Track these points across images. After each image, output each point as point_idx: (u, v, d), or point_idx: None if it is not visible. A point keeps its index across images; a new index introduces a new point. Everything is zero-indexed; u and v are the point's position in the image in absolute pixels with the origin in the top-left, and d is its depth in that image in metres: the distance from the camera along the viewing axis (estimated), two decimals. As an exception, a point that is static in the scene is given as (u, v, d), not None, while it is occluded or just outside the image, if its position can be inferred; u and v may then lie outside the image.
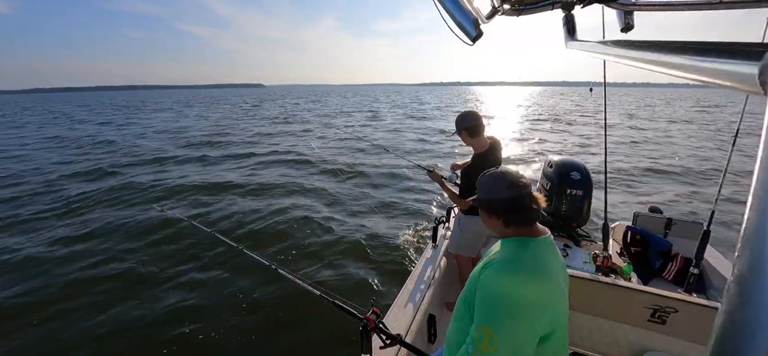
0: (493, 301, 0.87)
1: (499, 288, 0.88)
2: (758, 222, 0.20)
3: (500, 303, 0.86)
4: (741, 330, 0.20)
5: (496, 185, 1.03)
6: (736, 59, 0.27)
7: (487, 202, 1.04)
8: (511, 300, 0.86)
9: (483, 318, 0.88)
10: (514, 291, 0.87)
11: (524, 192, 1.00)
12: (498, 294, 0.87)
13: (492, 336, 0.84)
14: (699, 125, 18.56)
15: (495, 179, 1.05)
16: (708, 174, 8.34)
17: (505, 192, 1.00)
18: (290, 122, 20.22)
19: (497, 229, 1.05)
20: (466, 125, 2.15)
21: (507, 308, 0.85)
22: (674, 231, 2.57)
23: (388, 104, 39.93)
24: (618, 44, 0.54)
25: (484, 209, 1.07)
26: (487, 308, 0.88)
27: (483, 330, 0.86)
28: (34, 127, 19.98)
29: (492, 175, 1.07)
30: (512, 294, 0.86)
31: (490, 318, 0.86)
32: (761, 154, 0.21)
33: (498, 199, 1.01)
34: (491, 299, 0.88)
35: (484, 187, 1.07)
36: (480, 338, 0.86)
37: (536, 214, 1.01)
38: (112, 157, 10.33)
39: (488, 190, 1.05)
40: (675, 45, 0.37)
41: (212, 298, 3.44)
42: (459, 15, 0.94)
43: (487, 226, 1.08)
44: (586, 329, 1.56)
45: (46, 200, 6.36)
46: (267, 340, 2.95)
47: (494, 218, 1.03)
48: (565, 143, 13.02)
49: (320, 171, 8.43)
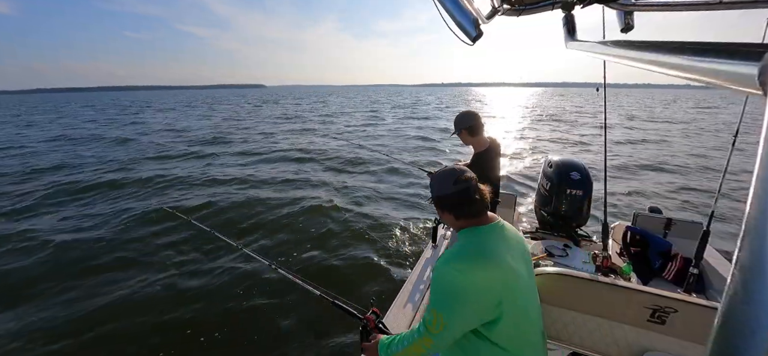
0: (441, 288, 0.97)
1: (445, 276, 0.96)
2: (758, 222, 0.20)
3: (447, 290, 0.95)
4: (741, 330, 0.20)
5: (444, 182, 1.09)
6: (736, 59, 0.27)
7: (438, 199, 1.12)
8: (455, 287, 0.94)
9: (433, 303, 0.98)
10: (458, 278, 0.95)
11: (469, 185, 1.07)
12: (445, 282, 0.96)
13: (439, 318, 0.95)
14: (699, 125, 18.57)
15: (442, 176, 1.11)
16: (708, 174, 8.35)
17: (452, 188, 1.07)
18: (292, 121, 20.23)
19: (451, 222, 1.12)
20: (466, 125, 2.16)
21: (452, 294, 0.94)
22: (674, 231, 2.56)
23: (389, 104, 39.94)
24: (618, 44, 0.54)
25: (437, 205, 1.14)
26: (436, 294, 0.98)
27: (433, 314, 0.96)
28: (61, 127, 19.97)
29: (440, 173, 1.14)
30: (456, 281, 0.94)
31: (438, 303, 0.96)
32: (761, 154, 0.21)
33: (446, 195, 1.08)
34: (439, 286, 0.97)
35: (434, 185, 1.14)
36: (430, 320, 0.97)
37: (482, 204, 1.08)
38: (119, 154, 10.34)
39: (437, 187, 1.12)
40: (674, 45, 0.38)
41: (211, 297, 3.44)
42: (459, 15, 0.94)
43: (444, 220, 1.15)
44: (586, 329, 1.56)
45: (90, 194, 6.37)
46: (266, 340, 2.95)
47: (446, 212, 1.11)
48: (565, 143, 13.03)
49: (320, 171, 8.43)
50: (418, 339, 1.01)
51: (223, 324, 3.10)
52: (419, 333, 1.01)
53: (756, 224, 0.20)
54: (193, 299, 3.42)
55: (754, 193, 0.20)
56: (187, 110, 30.42)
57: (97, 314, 3.24)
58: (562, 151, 11.50)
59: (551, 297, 1.57)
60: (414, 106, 34.89)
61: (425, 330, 0.99)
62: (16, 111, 36.36)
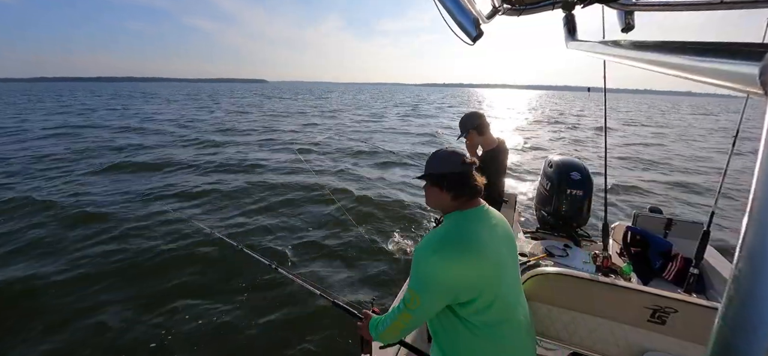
0: (420, 272, 1.03)
1: (425, 263, 1.02)
2: (758, 222, 0.20)
3: (424, 275, 1.02)
4: (741, 330, 0.20)
5: (451, 160, 1.12)
6: (736, 59, 0.27)
7: (441, 176, 1.12)
8: (432, 274, 1.01)
9: (412, 283, 1.05)
10: (436, 267, 1.00)
11: (472, 167, 1.12)
12: (423, 268, 1.02)
13: (416, 298, 1.03)
14: (699, 126, 18.56)
15: (449, 155, 1.14)
16: (708, 174, 8.35)
17: (460, 167, 1.10)
18: (295, 118, 20.22)
19: (444, 202, 1.13)
20: (474, 124, 2.16)
21: (429, 279, 1.01)
22: (674, 231, 2.56)
23: (391, 102, 39.93)
24: (618, 44, 0.54)
25: (435, 183, 1.14)
26: (415, 276, 1.04)
27: (411, 293, 1.04)
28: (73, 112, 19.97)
29: (445, 152, 1.16)
30: (434, 270, 1.00)
31: (416, 284, 1.03)
32: (761, 154, 0.21)
33: (452, 173, 1.10)
34: (418, 269, 1.03)
35: (438, 162, 1.15)
36: (408, 298, 1.05)
37: (478, 189, 1.13)
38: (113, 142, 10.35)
39: (442, 164, 1.13)
40: (675, 45, 0.37)
41: (210, 297, 3.44)
42: (459, 15, 0.94)
43: (434, 200, 1.17)
44: (586, 329, 1.56)
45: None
46: (266, 340, 2.95)
47: (445, 191, 1.11)
48: (564, 143, 13.03)
49: (320, 170, 8.43)
50: (398, 315, 1.10)
51: (222, 324, 3.10)
52: (399, 310, 1.10)
53: (756, 224, 0.20)
54: (192, 299, 3.42)
55: (755, 194, 0.20)
56: (191, 102, 30.44)
57: (97, 313, 3.25)
58: (563, 151, 11.51)
59: (551, 296, 1.57)
60: (416, 106, 34.91)
61: (404, 306, 1.07)
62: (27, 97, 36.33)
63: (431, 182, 1.16)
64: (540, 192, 2.74)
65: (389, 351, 1.68)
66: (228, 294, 3.49)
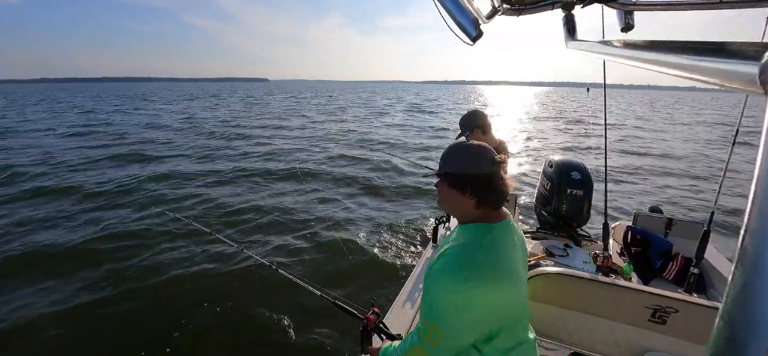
0: (439, 299, 0.83)
1: (446, 287, 0.82)
2: (758, 222, 0.20)
3: (446, 303, 0.82)
4: (742, 330, 0.20)
5: (478, 159, 0.90)
6: (736, 59, 0.27)
7: (462, 176, 0.91)
8: (456, 300, 0.81)
9: (429, 314, 0.86)
10: (461, 291, 0.81)
11: (500, 168, 0.92)
12: (445, 293, 0.82)
13: (436, 331, 0.84)
14: (699, 126, 18.56)
15: (477, 152, 0.91)
16: (708, 174, 8.35)
17: (491, 167, 0.89)
18: (296, 116, 20.22)
19: (464, 209, 0.93)
20: (478, 123, 2.15)
21: (452, 308, 0.82)
22: (674, 231, 2.56)
23: (394, 99, 39.92)
24: (618, 44, 0.54)
25: (455, 184, 0.92)
26: (433, 304, 0.84)
27: (429, 325, 0.85)
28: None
29: (471, 147, 0.93)
30: (459, 294, 0.81)
31: (436, 315, 0.84)
32: (761, 154, 0.21)
33: (479, 174, 0.89)
34: (438, 296, 0.83)
35: (459, 159, 0.92)
36: (425, 331, 0.86)
37: (504, 195, 0.93)
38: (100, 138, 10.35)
39: (467, 163, 0.90)
40: (675, 45, 0.37)
41: (211, 298, 3.44)
42: (459, 15, 0.94)
43: (453, 204, 0.95)
44: (587, 329, 1.56)
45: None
46: (266, 340, 2.96)
47: (467, 195, 0.90)
48: (565, 143, 13.03)
49: (320, 170, 8.42)
50: (410, 349, 0.93)
51: (222, 325, 3.10)
52: (412, 342, 0.92)
53: (756, 224, 0.20)
54: (193, 299, 3.42)
55: (755, 193, 0.20)
56: (193, 102, 30.44)
57: (95, 311, 3.25)
58: (563, 150, 11.51)
59: (552, 296, 1.57)
60: (417, 101, 34.90)
61: (419, 339, 0.89)
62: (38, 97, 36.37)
63: (450, 183, 0.93)
64: (540, 192, 2.74)
65: None
66: (228, 295, 3.49)
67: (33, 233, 4.83)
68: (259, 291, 3.51)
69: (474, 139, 2.20)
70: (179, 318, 3.18)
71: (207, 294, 3.50)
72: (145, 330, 3.05)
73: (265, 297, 3.43)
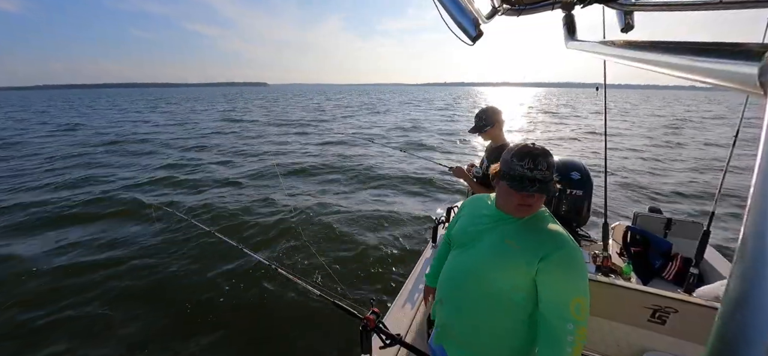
0: (582, 272, 0.94)
1: (581, 259, 0.95)
2: (758, 222, 0.20)
3: (584, 274, 0.95)
4: (741, 330, 0.20)
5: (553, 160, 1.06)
6: (736, 59, 0.27)
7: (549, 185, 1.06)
8: (585, 268, 0.96)
9: (576, 290, 0.92)
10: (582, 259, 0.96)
11: None
12: (582, 266, 0.95)
13: (584, 304, 0.91)
14: (699, 126, 18.57)
15: (548, 154, 1.05)
16: (708, 174, 8.35)
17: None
18: (298, 119, 20.23)
19: (539, 204, 1.07)
20: (496, 119, 2.15)
21: (585, 277, 0.95)
22: (674, 231, 2.56)
23: (395, 102, 39.92)
24: (618, 44, 0.54)
25: (551, 194, 1.08)
26: (579, 279, 0.93)
27: (578, 301, 0.91)
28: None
29: (546, 151, 1.05)
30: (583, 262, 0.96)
31: (583, 288, 0.93)
32: (761, 154, 0.21)
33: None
34: (581, 270, 0.94)
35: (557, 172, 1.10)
36: (578, 309, 0.91)
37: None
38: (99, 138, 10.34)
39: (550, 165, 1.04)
40: (675, 45, 0.37)
41: (211, 298, 3.44)
42: (459, 15, 0.94)
43: (536, 208, 1.06)
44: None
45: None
46: (266, 340, 2.95)
47: (545, 204, 1.11)
48: (565, 142, 13.02)
49: (320, 170, 8.42)
50: (576, 333, 0.91)
51: (223, 324, 3.09)
52: (571, 331, 0.91)
53: (756, 224, 0.20)
54: (193, 299, 3.42)
55: (755, 193, 0.20)
56: (196, 106, 30.48)
57: (94, 310, 3.25)
58: (562, 150, 11.51)
59: None
60: (419, 103, 34.90)
61: (575, 320, 0.90)
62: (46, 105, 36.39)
63: (543, 188, 1.02)
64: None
65: (389, 351, 1.68)
66: (228, 295, 3.48)
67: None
68: (258, 291, 3.51)
69: (486, 136, 2.20)
70: (178, 317, 3.18)
71: (206, 294, 3.50)
72: (142, 329, 3.04)
73: (265, 297, 3.42)
